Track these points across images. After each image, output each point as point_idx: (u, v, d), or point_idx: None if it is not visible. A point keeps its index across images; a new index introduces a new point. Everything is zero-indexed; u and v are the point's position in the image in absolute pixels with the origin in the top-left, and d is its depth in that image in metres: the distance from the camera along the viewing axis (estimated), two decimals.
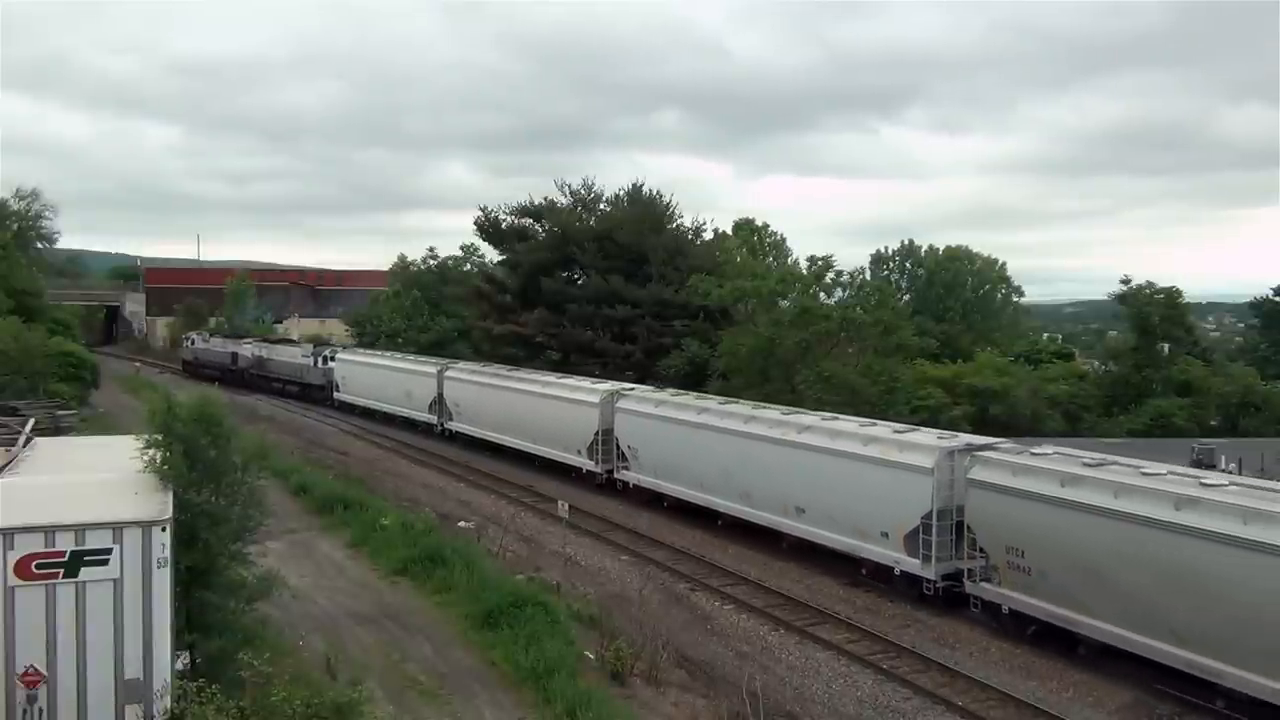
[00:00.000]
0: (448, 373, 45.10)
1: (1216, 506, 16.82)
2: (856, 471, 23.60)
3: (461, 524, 28.65)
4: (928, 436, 23.94)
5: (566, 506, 24.91)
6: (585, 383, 37.31)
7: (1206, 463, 32.48)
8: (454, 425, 44.00)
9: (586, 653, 18.28)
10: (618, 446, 32.97)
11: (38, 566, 11.24)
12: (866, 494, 23.24)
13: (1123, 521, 17.92)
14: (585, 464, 34.32)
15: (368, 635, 19.00)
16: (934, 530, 21.49)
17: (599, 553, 26.77)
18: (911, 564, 22.10)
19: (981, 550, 20.77)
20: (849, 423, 26.18)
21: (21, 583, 11.16)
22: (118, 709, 11.43)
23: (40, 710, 11.15)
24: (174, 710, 11.53)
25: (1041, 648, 19.61)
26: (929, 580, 21.80)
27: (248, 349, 67.21)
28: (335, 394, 55.60)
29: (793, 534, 25.79)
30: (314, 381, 58.82)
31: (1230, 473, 25.64)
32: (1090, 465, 19.58)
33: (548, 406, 36.70)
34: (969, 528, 21.06)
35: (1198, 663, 16.76)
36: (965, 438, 24.04)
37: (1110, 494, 18.39)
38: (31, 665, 11.14)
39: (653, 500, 31.26)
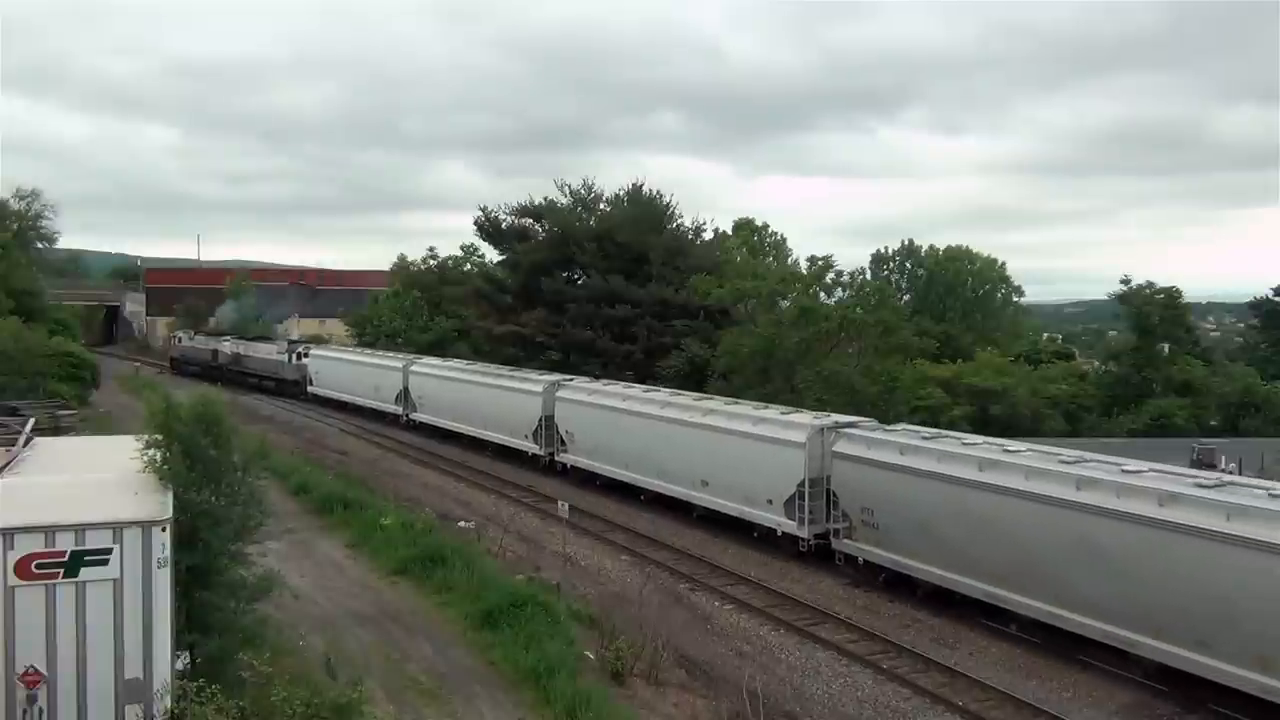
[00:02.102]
0: (412, 368, 48.04)
1: (1009, 467, 20.35)
2: (747, 447, 26.83)
3: (461, 524, 28.64)
4: (805, 417, 27.08)
5: (566, 506, 24.92)
6: (532, 374, 40.82)
7: (1206, 462, 32.50)
8: (418, 416, 46.76)
9: (586, 653, 18.27)
10: (558, 431, 35.80)
11: (38, 566, 11.24)
12: (755, 467, 26.48)
13: (942, 482, 21.42)
14: (530, 448, 37.22)
15: (368, 635, 18.98)
16: (807, 496, 24.84)
17: (599, 553, 26.78)
18: (790, 525, 25.35)
19: (844, 512, 24.08)
20: (746, 406, 29.82)
21: (21, 583, 11.16)
22: (118, 709, 11.43)
23: (40, 710, 11.14)
24: (174, 710, 11.52)
25: (1038, 648, 19.63)
26: (804, 539, 25.00)
27: (226, 346, 69.79)
28: (309, 388, 58.07)
29: (700, 504, 28.82)
30: (288, 377, 61.27)
31: (1230, 473, 25.70)
32: (926, 438, 23.43)
33: (498, 396, 39.73)
34: (834, 493, 24.38)
35: (995, 593, 20.36)
36: (836, 418, 26.82)
37: (935, 460, 21.90)
38: (31, 665, 11.13)
39: (588, 479, 34.00)
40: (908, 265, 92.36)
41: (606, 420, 33.12)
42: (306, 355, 60.05)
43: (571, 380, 37.90)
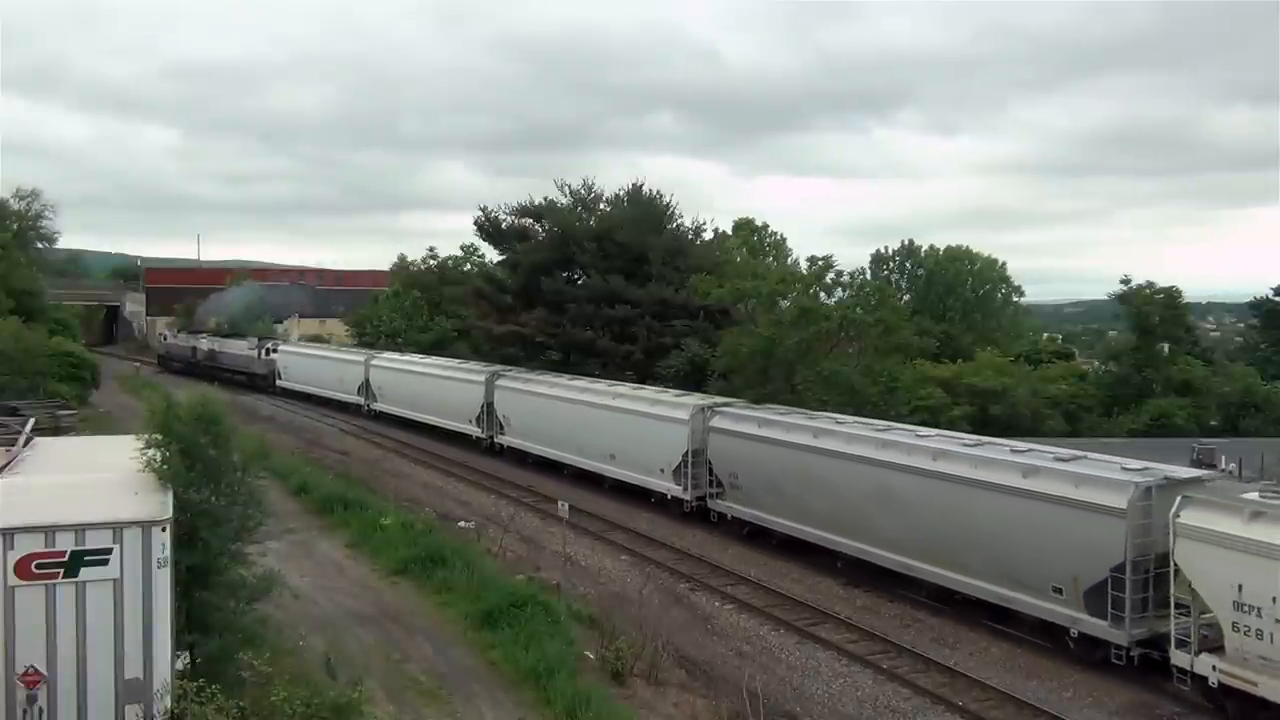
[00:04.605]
0: (373, 361, 52.12)
1: (835, 435, 24.79)
2: (644, 425, 31.16)
3: (461, 524, 28.66)
4: (691, 399, 31.66)
5: (566, 506, 24.90)
6: (476, 365, 45.67)
7: (1206, 462, 32.46)
8: (378, 406, 50.80)
9: (586, 653, 18.29)
10: (497, 416, 40.16)
11: (38, 566, 11.24)
12: (650, 442, 30.81)
13: (787, 449, 25.66)
14: (474, 431, 41.59)
15: (368, 635, 19.00)
16: (690, 465, 29.15)
17: (599, 553, 26.79)
18: (677, 490, 29.68)
19: (717, 478, 28.36)
20: (649, 390, 34.79)
21: (22, 583, 11.17)
22: (118, 709, 11.43)
23: (40, 710, 11.15)
24: (174, 710, 11.53)
25: (1040, 648, 19.69)
26: (687, 501, 29.33)
27: (204, 343, 73.72)
28: (277, 381, 61.55)
29: (610, 476, 32.95)
30: (258, 371, 64.46)
31: (1230, 473, 25.74)
32: (780, 414, 27.94)
33: (447, 386, 44.11)
34: (710, 461, 28.53)
35: (825, 538, 24.51)
36: (716, 399, 31.57)
37: (783, 431, 26.24)
38: (31, 665, 11.14)
39: (522, 458, 38.10)
40: (908, 265, 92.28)
41: (536, 406, 37.47)
42: (275, 351, 63.54)
43: (509, 370, 42.67)
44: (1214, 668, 16.25)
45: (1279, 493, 16.72)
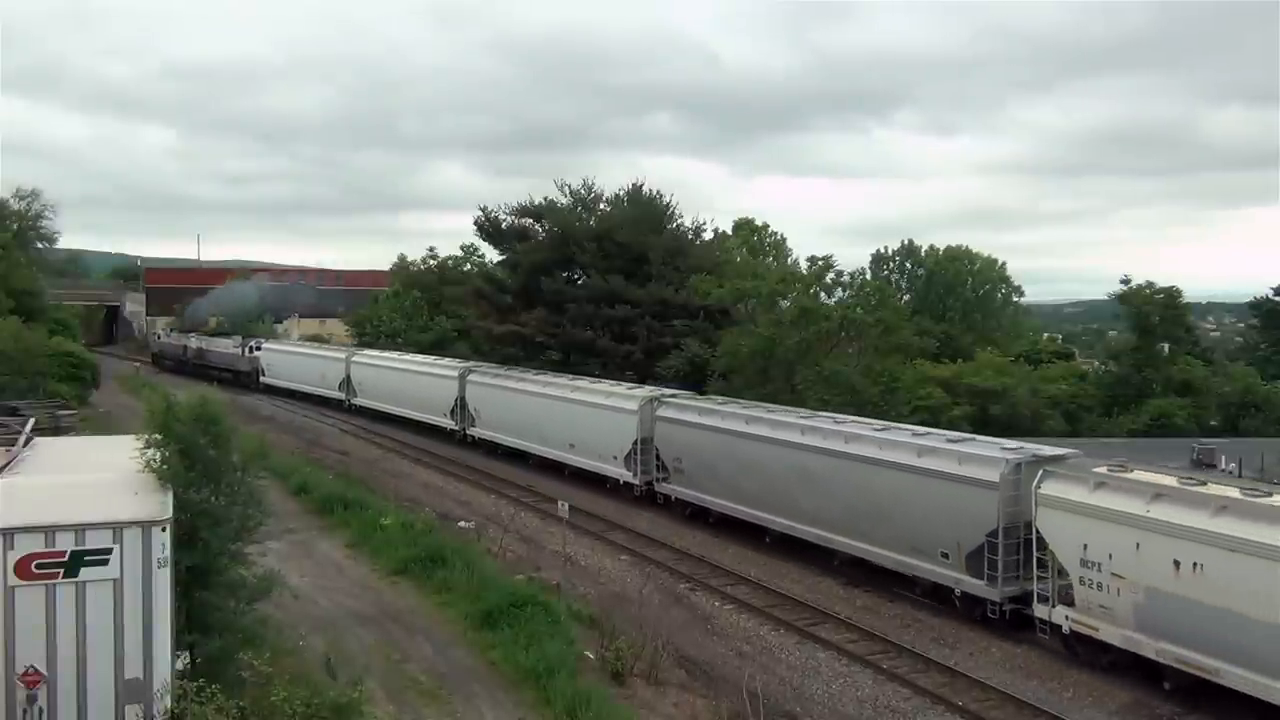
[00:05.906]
0: (354, 358, 54.47)
1: (764, 421, 27.14)
2: (599, 416, 33.42)
3: (461, 524, 28.66)
4: (642, 390, 34.06)
5: (566, 506, 24.88)
6: (451, 361, 48.39)
7: (1206, 463, 32.45)
8: (358, 401, 53.01)
9: (586, 653, 18.29)
10: (469, 410, 42.39)
11: (38, 566, 11.25)
12: (604, 431, 33.09)
13: (723, 434, 28.00)
14: (448, 424, 43.78)
15: (368, 635, 19.00)
16: (639, 452, 31.40)
17: (599, 553, 26.79)
18: (628, 475, 32.04)
19: (663, 463, 30.61)
20: (605, 384, 36.86)
21: (22, 583, 11.17)
22: (118, 709, 11.43)
23: (40, 710, 11.15)
24: (174, 710, 11.53)
25: (1040, 647, 19.67)
26: (637, 485, 31.58)
27: (193, 342, 75.86)
28: (261, 378, 63.53)
29: (569, 463, 35.21)
30: (242, 369, 66.54)
31: (1230, 473, 25.74)
32: (719, 404, 30.61)
33: (423, 382, 46.32)
34: (657, 448, 30.76)
35: (757, 515, 26.67)
36: (664, 391, 33.82)
37: (719, 418, 28.63)
38: (31, 665, 11.14)
39: (493, 449, 40.42)
40: (908, 265, 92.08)
41: (505, 399, 39.78)
42: (259, 349, 65.36)
43: (480, 366, 45.32)
44: (1066, 617, 18.75)
45: (1124, 466, 19.13)
